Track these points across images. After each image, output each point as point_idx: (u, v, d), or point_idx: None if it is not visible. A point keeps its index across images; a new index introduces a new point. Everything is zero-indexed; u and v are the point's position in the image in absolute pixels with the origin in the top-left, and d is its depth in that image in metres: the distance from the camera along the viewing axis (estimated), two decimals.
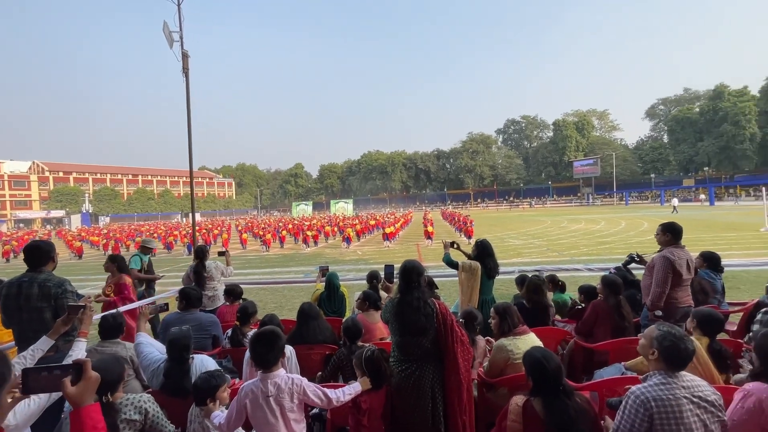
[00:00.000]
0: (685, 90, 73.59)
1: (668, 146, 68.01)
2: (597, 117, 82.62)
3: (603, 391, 2.63)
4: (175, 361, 2.57)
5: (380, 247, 20.58)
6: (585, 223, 27.59)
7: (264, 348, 2.15)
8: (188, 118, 6.78)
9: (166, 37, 6.59)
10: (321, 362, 3.50)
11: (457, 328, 2.36)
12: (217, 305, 5.26)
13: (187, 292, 3.72)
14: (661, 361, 1.93)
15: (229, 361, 3.49)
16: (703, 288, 4.47)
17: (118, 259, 5.35)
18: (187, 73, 6.68)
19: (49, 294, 3.00)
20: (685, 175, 64.49)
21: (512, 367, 2.81)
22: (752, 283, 8.05)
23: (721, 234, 17.66)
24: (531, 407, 1.93)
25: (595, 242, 17.23)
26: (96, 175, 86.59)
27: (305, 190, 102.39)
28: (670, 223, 3.68)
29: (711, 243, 14.60)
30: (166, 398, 2.57)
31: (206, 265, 5.34)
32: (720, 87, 59.79)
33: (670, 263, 3.44)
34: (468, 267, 4.42)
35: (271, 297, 9.30)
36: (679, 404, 1.80)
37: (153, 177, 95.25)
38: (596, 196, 67.09)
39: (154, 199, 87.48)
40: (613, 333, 3.49)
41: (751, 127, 55.06)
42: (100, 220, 73.97)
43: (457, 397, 2.30)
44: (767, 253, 12.04)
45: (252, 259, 18.60)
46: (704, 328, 2.81)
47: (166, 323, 3.58)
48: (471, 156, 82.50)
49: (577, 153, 73.92)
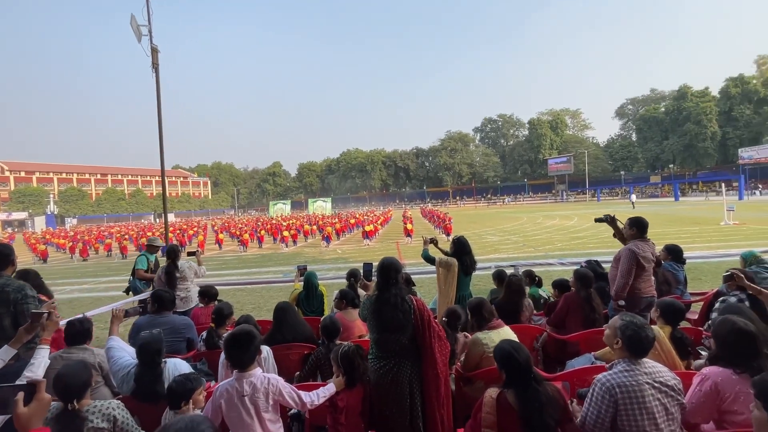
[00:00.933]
0: (651, 90, 76.95)
1: (636, 144, 70.77)
2: (570, 116, 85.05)
3: (574, 381, 2.73)
4: (146, 365, 2.50)
5: (360, 245, 20.56)
6: (559, 219, 28.41)
7: (239, 349, 2.12)
8: (158, 115, 6.54)
9: (133, 31, 6.29)
10: (299, 362, 3.48)
11: (434, 323, 2.39)
12: (191, 307, 5.13)
13: (159, 295, 3.61)
14: (624, 349, 2.03)
15: (204, 364, 3.42)
16: (666, 279, 4.69)
17: None
18: (156, 69, 6.41)
19: (8, 300, 2.85)
20: (652, 172, 67.34)
21: (487, 360, 2.87)
22: (713, 273, 8.50)
23: (684, 228, 18.56)
24: (504, 399, 1.98)
25: (569, 237, 17.78)
26: (61, 175, 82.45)
27: (284, 189, 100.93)
28: (636, 217, 3.85)
29: (675, 236, 15.32)
30: (137, 404, 2.50)
31: (179, 266, 5.19)
32: (683, 88, 62.68)
33: (634, 255, 3.60)
34: (445, 263, 4.48)
35: (248, 298, 9.15)
36: (641, 390, 1.90)
37: (123, 176, 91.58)
38: (570, 192, 69.16)
39: (125, 200, 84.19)
40: (584, 324, 3.62)
41: (712, 126, 57.99)
42: (67, 221, 70.61)
43: (435, 392, 2.33)
44: (727, 245, 12.74)
45: (229, 260, 18.22)
46: (667, 317, 2.96)
47: (137, 327, 3.46)
48: (449, 154, 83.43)
49: (552, 151, 75.92)
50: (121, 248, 22.76)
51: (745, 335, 1.96)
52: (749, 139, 56.06)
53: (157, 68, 6.36)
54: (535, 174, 78.78)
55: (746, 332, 1.96)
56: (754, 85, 56.62)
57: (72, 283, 13.95)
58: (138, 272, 6.05)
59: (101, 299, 10.26)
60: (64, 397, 1.97)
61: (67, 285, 13.65)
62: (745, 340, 1.95)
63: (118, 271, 16.71)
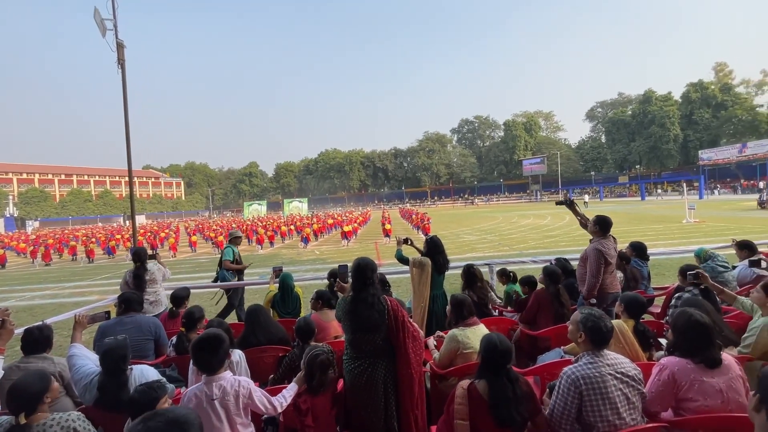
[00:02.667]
0: (619, 94, 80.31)
1: (606, 146, 73.59)
2: (543, 118, 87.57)
3: (544, 375, 2.81)
4: (110, 372, 2.39)
5: (338, 246, 20.45)
6: (533, 219, 29.17)
7: (207, 352, 2.07)
8: (125, 112, 6.26)
9: (97, 25, 6.00)
10: (274, 364, 3.42)
11: (408, 323, 2.40)
12: (160, 311, 4.96)
13: (126, 296, 3.50)
14: (588, 341, 2.11)
15: (174, 370, 3.31)
16: (634, 276, 4.91)
17: None
18: (123, 65, 6.11)
19: None
20: (620, 173, 70.18)
21: (462, 357, 2.91)
22: (675, 269, 8.84)
23: (650, 226, 19.44)
24: (475, 389, 2.02)
25: (542, 236, 18.29)
26: (21, 175, 78.01)
27: (260, 190, 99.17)
28: (600, 216, 3.99)
29: (641, 234, 16.03)
30: (100, 414, 2.39)
31: (148, 268, 5.02)
32: (648, 92, 65.71)
33: (601, 254, 3.74)
34: (418, 263, 4.53)
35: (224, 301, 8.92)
36: (604, 380, 1.97)
37: (90, 177, 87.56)
38: (543, 192, 71.16)
39: (91, 201, 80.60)
40: (554, 320, 3.72)
41: (674, 129, 61.04)
42: (28, 224, 66.88)
43: (409, 392, 2.35)
44: (688, 242, 13.42)
45: (203, 263, 17.75)
46: (630, 311, 3.09)
47: (102, 331, 3.32)
48: (427, 155, 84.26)
49: (526, 152, 77.90)
50: (87, 252, 21.76)
51: (700, 326, 2.07)
52: (708, 142, 59.40)
53: (123, 64, 6.06)
54: (511, 174, 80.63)
55: (701, 323, 2.07)
56: (712, 91, 59.99)
57: (33, 289, 13.23)
58: (225, 263, 6.40)
59: (65, 305, 9.78)
60: (15, 410, 1.86)
61: (28, 291, 12.93)
62: (700, 331, 2.06)
63: (83, 276, 15.98)
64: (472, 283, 4.25)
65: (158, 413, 1.22)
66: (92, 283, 14.09)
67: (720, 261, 4.66)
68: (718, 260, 4.69)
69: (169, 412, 1.25)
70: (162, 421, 1.17)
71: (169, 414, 1.22)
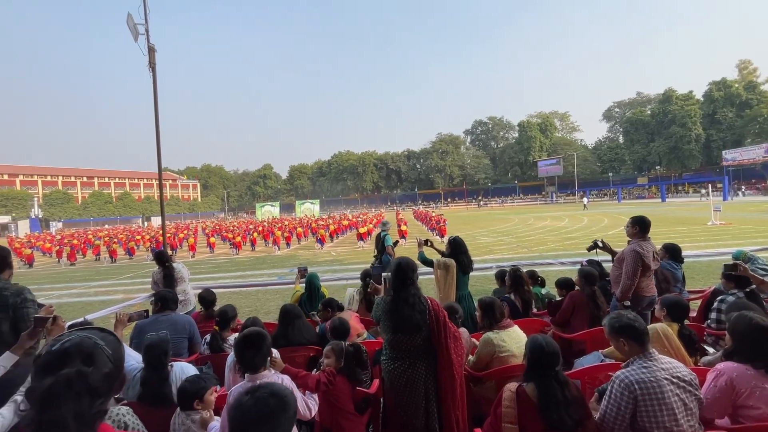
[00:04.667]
0: (637, 94, 78.56)
1: (624, 146, 72.01)
2: (559, 118, 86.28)
3: (585, 379, 2.74)
4: (153, 368, 2.43)
5: (354, 247, 20.49)
6: (550, 221, 28.72)
7: (252, 350, 2.08)
8: (156, 115, 6.42)
9: (130, 30, 6.17)
10: (305, 364, 3.43)
11: (450, 323, 2.37)
12: (189, 310, 5.04)
13: (162, 295, 3.56)
14: (630, 343, 2.05)
15: (210, 368, 3.35)
16: (665, 277, 4.76)
17: None
18: (153, 68, 6.29)
19: (7, 304, 2.76)
20: (639, 174, 68.57)
21: (498, 360, 2.86)
22: (704, 272, 8.66)
23: (672, 228, 18.91)
24: (524, 392, 1.98)
25: (562, 238, 17.98)
26: (46, 178, 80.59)
27: (274, 192, 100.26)
28: (639, 216, 3.86)
29: (665, 237, 15.58)
30: (144, 409, 2.43)
31: (175, 267, 5.11)
32: (669, 91, 64.07)
33: (639, 256, 3.62)
34: (443, 264, 4.49)
35: (244, 301, 9.03)
36: (660, 385, 1.91)
37: (110, 179, 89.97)
38: (559, 194, 70.00)
39: (112, 203, 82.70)
40: (589, 322, 3.64)
41: (696, 129, 59.33)
42: (52, 225, 68.98)
43: (451, 393, 2.32)
44: (716, 244, 13.01)
45: (222, 263, 17.99)
46: (673, 314, 2.99)
47: (139, 329, 3.38)
48: (441, 156, 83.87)
49: (541, 153, 76.83)
50: (110, 252, 22.32)
51: (762, 330, 1.98)
52: (732, 142, 57.53)
53: (154, 68, 6.24)
54: (525, 176, 79.61)
55: (764, 327, 1.98)
56: (736, 89, 58.15)
57: (61, 288, 13.63)
58: (387, 249, 7.01)
59: (92, 304, 10.03)
60: None
61: (56, 290, 13.32)
62: (763, 336, 1.98)
63: (107, 275, 16.39)
64: (519, 286, 4.17)
65: (262, 386, 1.31)
66: (116, 282, 14.44)
67: (761, 264, 4.47)
68: (758, 263, 4.50)
69: (272, 385, 1.34)
70: (267, 392, 1.27)
71: (273, 387, 1.32)
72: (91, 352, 1.06)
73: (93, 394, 0.99)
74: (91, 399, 0.99)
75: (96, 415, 1.02)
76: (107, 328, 1.22)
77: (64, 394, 0.95)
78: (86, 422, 0.98)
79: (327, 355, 2.66)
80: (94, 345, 1.07)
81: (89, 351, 1.05)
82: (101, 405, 1.03)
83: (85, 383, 0.98)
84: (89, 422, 0.99)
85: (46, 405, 0.94)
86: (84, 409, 0.97)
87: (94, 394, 1.00)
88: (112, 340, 1.16)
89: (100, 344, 1.08)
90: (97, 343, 1.08)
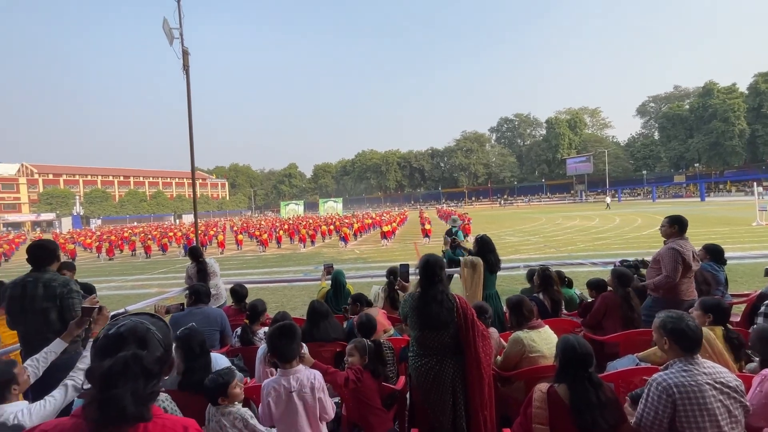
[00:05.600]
0: (675, 87, 74.66)
1: (659, 143, 68.81)
2: (589, 115, 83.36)
3: (619, 383, 2.65)
4: (195, 356, 2.54)
5: (378, 245, 20.57)
6: (579, 220, 27.83)
7: (285, 341, 2.14)
8: (189, 117, 6.69)
9: (165, 34, 6.47)
10: (332, 360, 3.49)
11: (478, 322, 2.35)
12: (220, 303, 5.21)
13: (196, 288, 3.70)
14: (674, 347, 1.96)
15: (240, 360, 3.46)
16: (705, 279, 4.51)
17: None
18: (187, 71, 6.57)
19: (55, 294, 2.95)
20: (676, 172, 65.33)
21: (528, 361, 2.81)
22: (748, 275, 8.17)
23: (713, 228, 17.93)
24: (555, 393, 1.94)
25: (592, 238, 17.39)
26: (86, 177, 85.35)
27: (299, 190, 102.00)
28: (676, 216, 3.70)
29: (705, 237, 14.78)
30: (182, 396, 2.54)
31: (207, 262, 5.30)
32: (709, 84, 60.63)
33: (678, 254, 3.46)
34: (470, 263, 4.44)
35: (271, 297, 9.25)
36: (701, 390, 1.82)
37: (145, 178, 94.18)
38: (589, 193, 67.67)
39: (146, 201, 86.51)
40: (622, 325, 3.51)
41: (740, 124, 55.90)
42: (92, 222, 72.93)
43: (479, 392, 2.30)
44: (761, 246, 12.24)
45: (250, 260, 18.50)
46: (716, 317, 2.84)
47: (174, 321, 3.54)
48: (465, 154, 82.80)
49: (570, 150, 74.52)
50: (145, 248, 23.38)
51: None
52: None
53: (187, 70, 6.52)
54: (553, 174, 77.45)
55: None
56: None
57: (100, 281, 14.39)
58: (460, 243, 7.32)
59: (129, 297, 10.55)
60: None
61: (96, 283, 14.05)
62: None
63: (143, 270, 17.18)
64: (548, 286, 4.09)
65: None
66: (151, 276, 15.12)
67: None
68: None
69: None
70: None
71: None
72: (144, 336, 1.12)
73: (147, 375, 1.05)
74: (146, 380, 1.05)
75: (150, 396, 1.08)
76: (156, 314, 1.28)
77: (122, 375, 1.02)
78: (142, 401, 1.04)
79: (350, 353, 2.70)
80: (146, 330, 1.14)
81: (142, 335, 1.12)
82: (154, 386, 1.09)
83: (140, 365, 1.04)
84: (145, 401, 1.05)
85: (106, 384, 1.01)
86: (140, 389, 1.03)
87: (148, 375, 1.06)
88: (162, 326, 1.22)
89: (152, 329, 1.15)
90: (149, 328, 1.15)
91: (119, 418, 1.00)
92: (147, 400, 1.06)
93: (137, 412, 1.02)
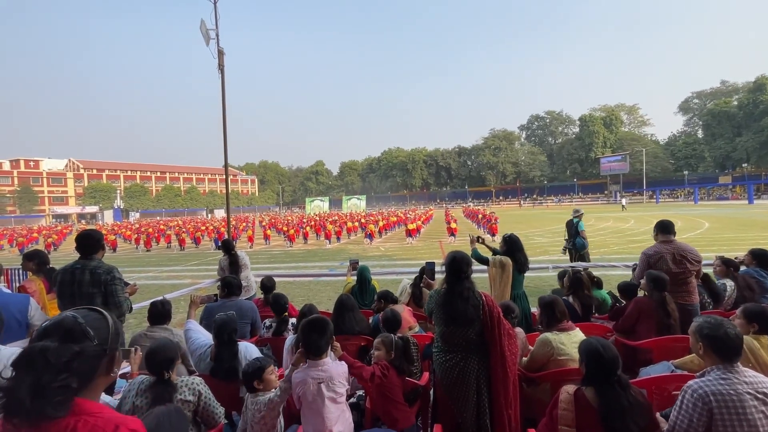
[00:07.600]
0: (722, 82, 69.95)
1: (703, 142, 65.01)
2: (626, 112, 79.77)
3: (652, 389, 2.56)
4: (224, 344, 2.66)
5: (403, 243, 20.59)
6: (613, 221, 26.77)
7: (317, 334, 2.20)
8: (223, 114, 6.95)
9: (202, 35, 6.75)
10: (356, 353, 3.55)
11: (504, 320, 2.34)
12: (250, 295, 5.39)
13: (228, 281, 3.85)
14: (710, 353, 1.87)
15: (269, 350, 3.59)
16: (749, 285, 4.27)
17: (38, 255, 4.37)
18: (222, 70, 6.83)
19: (100, 280, 3.16)
20: (721, 172, 61.50)
21: (555, 363, 2.76)
22: None
23: (762, 233, 16.78)
24: (583, 396, 1.90)
25: (626, 240, 16.70)
26: (127, 172, 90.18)
27: (326, 188, 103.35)
28: (659, 221, 4.01)
29: (752, 242, 13.86)
30: (214, 382, 2.67)
31: (239, 255, 5.50)
32: (761, 79, 56.58)
33: (645, 257, 3.84)
34: (498, 263, 4.38)
35: (298, 290, 9.48)
36: (741, 399, 1.74)
37: (180, 174, 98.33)
38: (625, 193, 64.84)
39: (180, 196, 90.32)
40: (657, 330, 3.37)
41: None
42: (131, 215, 76.95)
43: (504, 390, 2.29)
44: None
45: (277, 254, 18.97)
46: (761, 325, 2.68)
47: (209, 310, 3.71)
48: (493, 153, 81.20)
49: (605, 149, 71.64)
50: (179, 241, 24.44)
51: None
52: None
53: (223, 70, 6.79)
54: (586, 173, 74.73)
55: None
56: None
57: (138, 271, 15.19)
58: (581, 233, 8.46)
59: (164, 287, 11.08)
60: (158, 368, 2.15)
61: (135, 273, 14.86)
62: None
63: (177, 262, 17.98)
64: (578, 289, 4.01)
65: None
66: (184, 268, 15.80)
67: None
68: None
69: None
70: None
71: None
72: (70, 328, 1.07)
73: (51, 369, 1.00)
74: (51, 374, 1.00)
75: (58, 390, 1.00)
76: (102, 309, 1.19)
77: (22, 367, 1.00)
78: (44, 395, 0.98)
79: (377, 347, 2.74)
80: (73, 323, 1.09)
81: (68, 327, 1.07)
82: (65, 380, 1.01)
83: (42, 357, 1.00)
84: (48, 395, 0.99)
85: (9, 378, 1.00)
86: (43, 382, 0.99)
87: (53, 369, 1.00)
88: (98, 319, 1.15)
89: (81, 322, 1.09)
90: (79, 322, 1.09)
91: (17, 412, 0.97)
92: (53, 394, 0.99)
93: (37, 406, 0.96)
